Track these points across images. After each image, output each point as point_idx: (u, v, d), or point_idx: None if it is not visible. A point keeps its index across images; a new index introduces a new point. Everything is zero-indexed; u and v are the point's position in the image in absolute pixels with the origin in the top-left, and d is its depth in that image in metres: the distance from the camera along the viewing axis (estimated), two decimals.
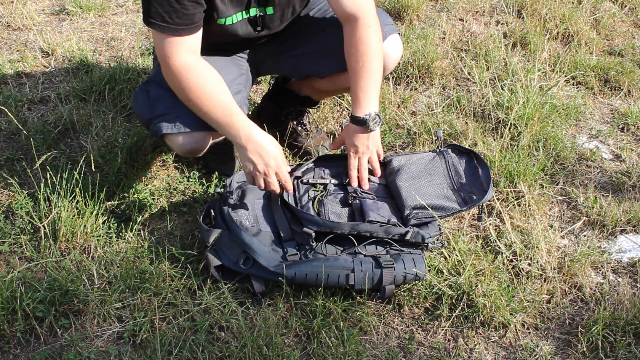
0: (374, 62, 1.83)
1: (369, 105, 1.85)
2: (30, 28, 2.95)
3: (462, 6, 3.26)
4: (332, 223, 1.78)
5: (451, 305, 1.76)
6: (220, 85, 1.73)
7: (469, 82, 2.72)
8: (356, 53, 1.82)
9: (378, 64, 1.85)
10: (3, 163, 2.18)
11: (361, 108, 1.85)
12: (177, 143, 1.82)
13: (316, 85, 2.14)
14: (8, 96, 2.46)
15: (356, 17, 1.80)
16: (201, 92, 1.70)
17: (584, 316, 1.76)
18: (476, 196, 1.92)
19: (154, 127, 1.81)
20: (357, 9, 1.79)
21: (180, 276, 1.79)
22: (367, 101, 1.85)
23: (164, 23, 1.65)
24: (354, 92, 1.86)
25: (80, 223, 1.85)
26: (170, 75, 1.72)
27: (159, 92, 1.83)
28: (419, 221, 1.85)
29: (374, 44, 1.83)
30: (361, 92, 1.84)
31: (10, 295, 1.64)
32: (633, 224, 2.05)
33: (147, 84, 1.90)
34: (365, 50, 1.82)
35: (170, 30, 1.66)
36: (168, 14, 1.64)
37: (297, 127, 2.29)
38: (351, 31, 1.82)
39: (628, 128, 2.53)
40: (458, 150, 2.08)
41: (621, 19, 3.26)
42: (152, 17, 1.65)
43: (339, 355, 1.60)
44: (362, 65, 1.82)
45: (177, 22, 1.65)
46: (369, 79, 1.84)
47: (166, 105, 1.81)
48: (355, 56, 1.83)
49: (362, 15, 1.80)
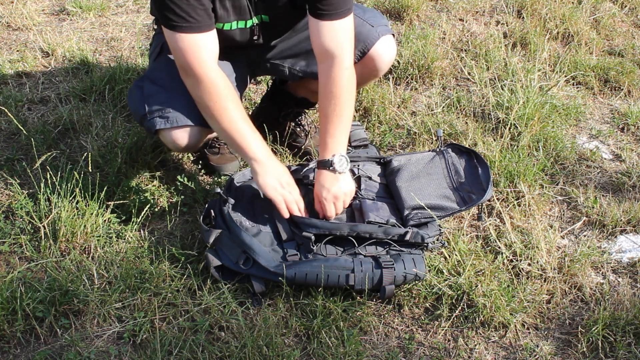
0: (345, 108, 1.84)
1: (335, 149, 1.84)
2: (30, 28, 2.95)
3: (462, 6, 3.26)
4: (331, 225, 1.78)
5: (451, 305, 1.76)
6: (239, 107, 1.78)
7: (469, 82, 2.72)
8: (329, 95, 1.82)
9: (349, 110, 1.85)
10: (3, 163, 2.18)
11: (327, 152, 1.84)
12: (170, 139, 1.82)
13: (310, 87, 2.14)
14: (8, 96, 2.46)
15: (334, 55, 1.78)
16: (223, 112, 1.74)
17: (584, 316, 1.76)
18: (476, 196, 1.92)
19: (148, 123, 1.81)
20: (336, 46, 1.78)
21: (180, 276, 1.79)
22: (333, 145, 1.84)
23: (186, 22, 1.66)
24: (322, 137, 1.86)
25: (80, 223, 1.85)
26: (195, 88, 1.74)
27: (153, 89, 1.84)
28: (418, 221, 1.85)
29: (348, 88, 1.83)
30: (329, 137, 1.84)
31: (10, 295, 1.64)
32: (633, 224, 2.05)
33: (141, 80, 1.90)
34: (339, 93, 1.81)
35: (193, 28, 1.67)
36: (187, 13, 1.65)
37: (296, 128, 2.29)
38: (327, 71, 1.81)
39: (628, 128, 2.53)
40: (458, 150, 2.08)
41: (621, 19, 3.26)
42: (173, 20, 1.66)
43: (339, 355, 1.60)
44: (334, 109, 1.83)
45: (197, 18, 1.66)
46: (338, 124, 1.84)
47: (160, 102, 1.81)
48: (328, 98, 1.82)
49: (339, 54, 1.78)
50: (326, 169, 1.84)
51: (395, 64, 2.72)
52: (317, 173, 1.88)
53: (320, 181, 1.86)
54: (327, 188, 1.84)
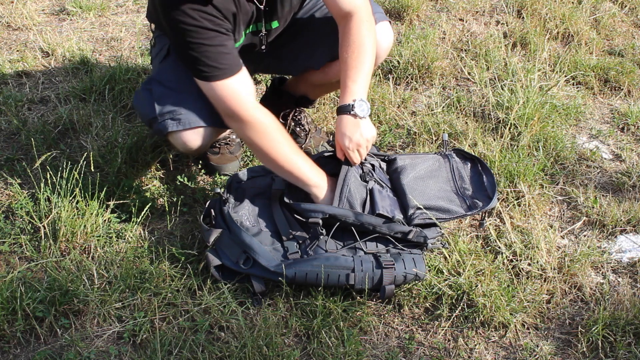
0: (366, 54, 1.82)
1: (357, 93, 1.81)
2: (30, 28, 2.95)
3: (462, 6, 3.26)
4: (337, 210, 1.77)
5: (451, 305, 1.76)
6: (287, 137, 1.81)
7: (469, 82, 2.72)
8: (349, 45, 1.81)
9: (370, 57, 1.83)
10: (3, 163, 2.18)
11: (348, 95, 1.81)
12: (182, 140, 1.82)
13: (311, 80, 2.15)
14: (8, 96, 2.46)
15: (351, 13, 1.80)
16: (276, 149, 1.78)
17: (584, 316, 1.76)
18: (481, 203, 1.92)
19: (159, 125, 1.81)
20: (352, 6, 1.80)
21: (180, 276, 1.79)
22: (355, 89, 1.81)
23: (218, 70, 1.68)
24: (343, 81, 1.83)
25: (80, 223, 1.85)
26: (244, 131, 1.76)
27: (162, 91, 1.83)
28: (422, 221, 1.85)
29: (367, 37, 1.82)
30: (350, 81, 1.81)
31: (10, 295, 1.64)
32: (633, 224, 2.05)
33: (148, 82, 1.90)
34: (359, 42, 1.81)
35: (226, 74, 1.69)
36: (216, 60, 1.67)
37: (295, 128, 2.29)
38: (346, 26, 1.82)
39: (628, 128, 2.53)
40: (462, 156, 2.07)
41: (621, 19, 3.26)
42: (206, 72, 1.68)
43: (339, 355, 1.60)
44: (354, 56, 1.81)
45: (227, 62, 1.69)
46: (360, 69, 1.82)
47: (170, 104, 1.81)
48: (348, 48, 1.82)
49: (357, 11, 1.81)
50: (347, 113, 1.81)
51: (395, 64, 2.72)
52: (338, 119, 1.84)
53: (341, 129, 1.83)
54: (349, 136, 1.82)
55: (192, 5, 1.61)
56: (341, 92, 1.84)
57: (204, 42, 1.65)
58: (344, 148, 1.84)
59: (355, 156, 1.85)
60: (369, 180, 1.89)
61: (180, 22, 1.62)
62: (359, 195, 1.85)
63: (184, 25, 1.62)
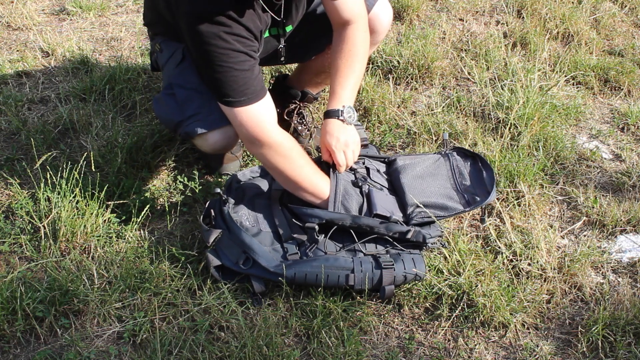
0: (357, 62, 1.85)
1: (346, 100, 1.84)
2: (30, 28, 2.95)
3: (462, 6, 3.26)
4: (334, 214, 1.78)
5: (451, 305, 1.76)
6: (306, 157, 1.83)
7: (469, 82, 2.72)
8: (343, 52, 1.85)
9: (361, 66, 1.87)
10: (3, 163, 2.18)
11: (337, 101, 1.84)
12: (210, 141, 1.82)
13: (314, 68, 2.19)
14: (8, 96, 2.46)
15: (350, 22, 1.84)
16: (299, 172, 1.80)
17: (584, 316, 1.76)
18: (480, 197, 1.93)
19: (187, 128, 1.81)
20: (352, 15, 1.84)
21: (180, 276, 1.79)
22: (343, 95, 1.84)
23: (244, 96, 1.69)
24: (332, 87, 1.86)
25: (80, 223, 1.85)
26: (266, 156, 1.76)
27: (186, 94, 1.83)
28: (421, 220, 1.85)
29: (361, 47, 1.86)
30: (340, 87, 1.85)
31: (10, 295, 1.64)
32: (633, 224, 2.05)
33: (169, 88, 1.88)
34: (354, 50, 1.85)
35: (251, 100, 1.70)
36: (244, 86, 1.67)
37: (299, 126, 2.30)
38: (343, 32, 1.86)
39: (628, 128, 2.53)
40: (463, 154, 2.08)
41: (621, 19, 3.26)
42: (232, 97, 1.68)
43: (339, 355, 1.60)
44: (346, 63, 1.84)
45: (253, 88, 1.69)
46: (350, 76, 1.85)
47: (196, 106, 1.81)
48: (341, 54, 1.85)
49: (356, 20, 1.85)
50: (335, 117, 1.83)
51: (395, 64, 2.72)
52: (325, 122, 1.86)
53: (328, 130, 1.84)
54: (336, 136, 1.83)
55: (223, 28, 1.60)
56: (330, 97, 1.87)
57: (234, 66, 1.64)
58: (330, 148, 1.85)
59: (341, 157, 1.85)
60: (362, 185, 1.90)
61: (210, 45, 1.61)
62: (355, 199, 1.86)
63: (214, 48, 1.61)
